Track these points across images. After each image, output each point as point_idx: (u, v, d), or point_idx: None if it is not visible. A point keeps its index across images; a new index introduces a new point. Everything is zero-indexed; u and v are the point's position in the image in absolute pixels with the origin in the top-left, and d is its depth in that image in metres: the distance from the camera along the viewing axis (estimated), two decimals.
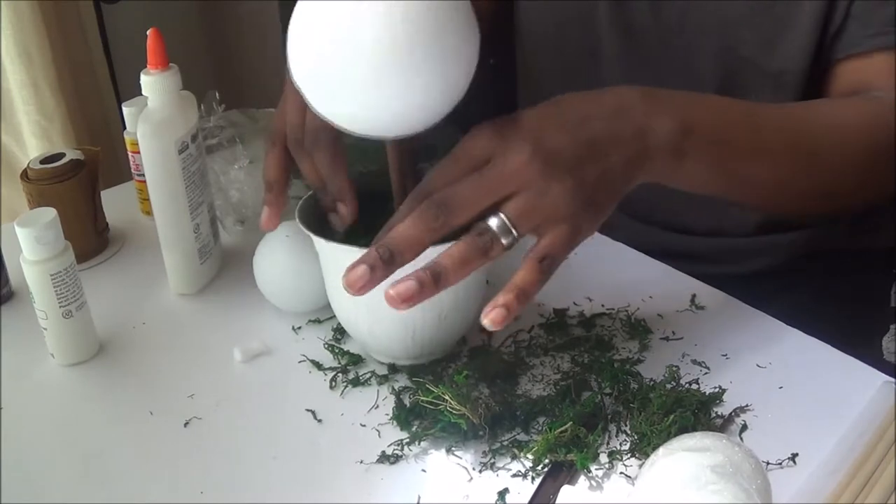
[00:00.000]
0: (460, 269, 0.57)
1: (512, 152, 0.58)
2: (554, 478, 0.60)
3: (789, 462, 0.61)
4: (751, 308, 0.76)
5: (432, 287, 0.56)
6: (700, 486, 0.51)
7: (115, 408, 0.70)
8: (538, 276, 0.59)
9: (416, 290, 0.56)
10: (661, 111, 0.62)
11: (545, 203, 0.58)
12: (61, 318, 0.72)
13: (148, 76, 0.74)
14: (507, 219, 0.57)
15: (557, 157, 0.58)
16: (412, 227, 0.57)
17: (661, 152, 0.61)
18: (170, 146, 0.75)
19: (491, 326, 0.57)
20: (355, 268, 0.56)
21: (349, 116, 0.59)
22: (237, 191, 0.89)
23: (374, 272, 0.56)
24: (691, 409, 0.63)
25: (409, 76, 0.55)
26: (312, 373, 0.72)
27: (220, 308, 0.80)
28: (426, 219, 0.57)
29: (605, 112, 0.61)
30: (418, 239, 0.57)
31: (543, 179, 0.58)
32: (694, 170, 0.64)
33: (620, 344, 0.72)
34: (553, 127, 0.59)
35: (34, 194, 0.83)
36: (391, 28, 0.54)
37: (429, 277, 0.56)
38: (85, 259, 0.87)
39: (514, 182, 0.58)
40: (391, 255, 0.56)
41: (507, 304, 0.57)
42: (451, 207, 0.57)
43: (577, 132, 0.59)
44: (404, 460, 0.63)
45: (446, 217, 0.57)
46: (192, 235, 0.79)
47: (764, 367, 0.69)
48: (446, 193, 0.57)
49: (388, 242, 0.57)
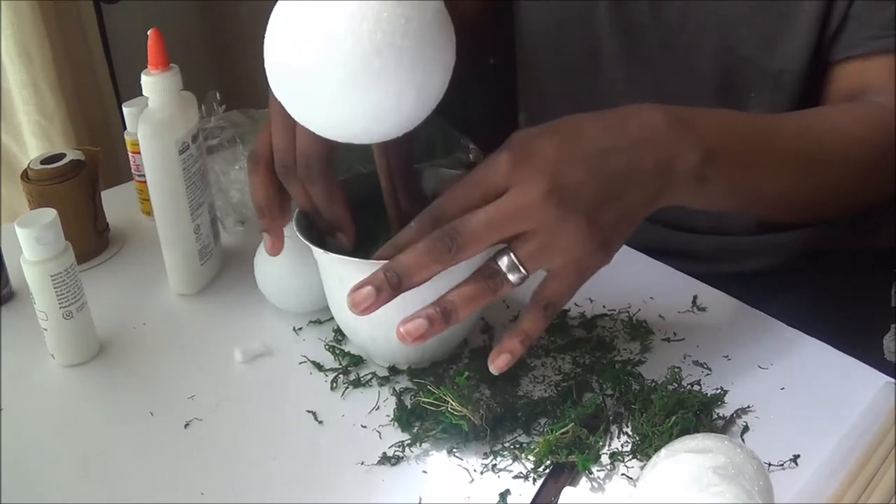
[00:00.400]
0: (469, 306, 0.58)
1: (528, 187, 0.57)
2: (555, 479, 0.60)
3: (791, 463, 0.61)
4: (752, 309, 0.76)
5: (442, 324, 0.58)
6: (702, 488, 0.51)
7: (115, 408, 0.70)
8: (543, 322, 0.61)
9: (427, 328, 0.58)
10: (687, 141, 0.61)
11: (557, 244, 0.58)
12: (61, 319, 0.72)
13: (148, 76, 0.74)
14: (516, 259, 0.58)
15: (574, 197, 0.57)
16: (423, 254, 0.57)
17: (684, 180, 0.61)
18: (170, 146, 0.75)
19: (496, 372, 0.60)
20: (361, 288, 0.57)
21: (324, 123, 0.59)
22: (238, 191, 0.89)
23: (380, 294, 0.57)
24: (693, 410, 0.63)
25: (382, 84, 0.55)
26: (313, 374, 0.71)
27: (220, 308, 0.80)
28: (438, 249, 0.57)
29: (628, 142, 0.60)
30: (428, 267, 0.57)
31: (557, 221, 0.57)
32: (713, 192, 0.64)
33: (622, 345, 0.72)
34: (572, 160, 0.58)
35: (34, 194, 0.83)
36: (364, 36, 0.54)
37: (438, 315, 0.58)
38: (85, 259, 0.86)
39: (527, 220, 0.57)
40: (399, 280, 0.57)
41: (513, 351, 0.60)
42: (463, 240, 0.57)
43: (598, 167, 0.58)
44: (405, 462, 0.63)
45: (458, 251, 0.57)
46: (192, 236, 0.79)
47: (765, 369, 0.69)
48: (459, 226, 0.57)
49: (397, 267, 0.57)
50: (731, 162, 0.63)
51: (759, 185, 0.67)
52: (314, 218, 0.68)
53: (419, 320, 0.58)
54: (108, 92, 1.48)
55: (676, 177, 0.60)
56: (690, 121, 0.62)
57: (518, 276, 0.58)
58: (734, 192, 0.66)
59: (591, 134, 0.60)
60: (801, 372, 0.68)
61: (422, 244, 0.57)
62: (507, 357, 0.60)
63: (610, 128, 0.60)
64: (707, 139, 0.62)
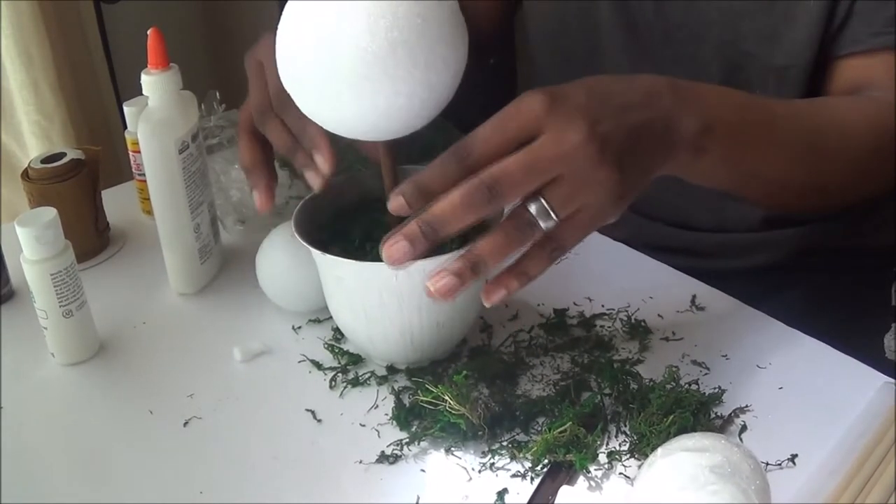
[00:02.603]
0: (498, 256, 0.55)
1: (568, 131, 0.55)
2: (553, 478, 0.60)
3: (789, 463, 0.61)
4: (751, 309, 0.76)
5: (472, 278, 0.55)
6: (699, 487, 0.51)
7: (114, 407, 0.70)
8: (546, 264, 0.58)
9: (457, 284, 0.55)
10: (687, 106, 0.60)
11: (589, 190, 0.56)
12: (61, 318, 0.72)
13: (148, 76, 0.74)
14: (548, 204, 0.55)
15: (609, 145, 0.56)
16: (460, 204, 0.54)
17: (683, 147, 0.61)
18: (170, 146, 0.75)
19: (487, 304, 0.57)
20: (395, 242, 0.55)
21: (336, 120, 0.59)
22: (238, 190, 0.89)
23: (415, 246, 0.54)
24: (691, 409, 0.63)
25: (395, 82, 0.56)
26: (312, 372, 0.72)
27: (220, 308, 0.80)
28: (476, 199, 0.54)
29: (641, 98, 0.59)
30: (463, 218, 0.54)
31: (594, 166, 0.55)
32: (710, 165, 0.63)
33: (620, 344, 0.72)
34: (605, 109, 0.56)
35: (35, 194, 0.83)
36: (380, 34, 0.54)
37: (467, 269, 0.55)
38: (85, 258, 0.87)
39: (564, 164, 0.55)
40: (434, 231, 0.54)
41: (509, 287, 0.57)
42: (502, 190, 0.54)
43: (623, 120, 0.57)
44: (404, 460, 0.63)
45: (497, 200, 0.54)
46: (192, 235, 0.79)
47: (764, 368, 0.69)
48: (498, 173, 0.54)
49: (431, 219, 0.54)
50: (729, 136, 0.63)
51: (755, 164, 0.67)
52: (293, 157, 0.67)
53: (448, 277, 0.54)
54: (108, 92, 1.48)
55: (677, 141, 0.60)
56: (691, 90, 0.62)
57: (550, 223, 0.55)
58: (729, 169, 0.66)
59: (612, 90, 0.59)
60: (800, 372, 0.69)
61: (456, 193, 0.54)
62: (503, 292, 0.57)
63: (625, 89, 0.59)
64: (707, 109, 0.62)
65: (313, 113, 0.60)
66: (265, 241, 0.77)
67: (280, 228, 0.77)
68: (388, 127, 0.59)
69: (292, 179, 0.93)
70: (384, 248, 0.55)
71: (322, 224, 0.70)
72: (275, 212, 0.90)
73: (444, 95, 0.59)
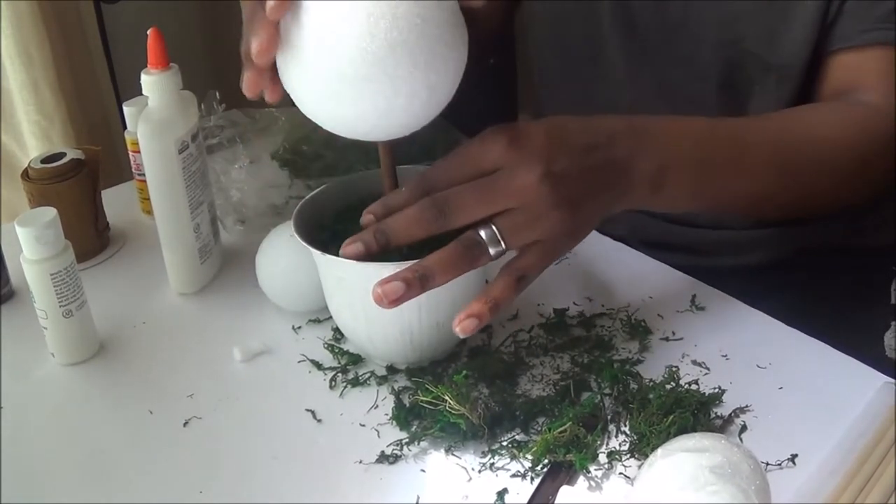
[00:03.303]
0: (446, 273, 0.60)
1: (523, 169, 0.59)
2: (553, 478, 0.60)
3: (789, 463, 0.61)
4: (751, 308, 0.76)
5: (418, 288, 0.59)
6: (699, 487, 0.51)
7: (114, 406, 0.70)
8: (514, 292, 0.62)
9: (403, 290, 0.59)
10: (643, 148, 0.64)
11: (539, 225, 0.61)
12: (61, 318, 0.72)
13: (148, 76, 0.74)
14: (498, 232, 0.60)
15: (563, 184, 0.60)
16: (412, 219, 0.60)
17: (640, 186, 0.65)
18: (170, 146, 0.75)
19: (462, 335, 0.60)
20: (352, 243, 0.61)
21: (335, 120, 0.59)
22: (238, 190, 0.89)
23: (369, 249, 0.61)
24: (691, 409, 0.63)
25: (395, 83, 0.56)
26: (312, 372, 0.72)
27: (220, 308, 0.80)
28: (427, 216, 0.59)
29: (599, 140, 0.63)
30: (414, 232, 0.60)
31: (545, 203, 0.60)
32: (670, 198, 0.67)
33: (620, 344, 0.72)
34: (562, 150, 0.61)
35: (35, 194, 0.83)
36: (380, 35, 0.54)
37: (415, 279, 0.59)
38: (85, 258, 0.87)
39: (516, 198, 0.60)
40: (386, 239, 0.60)
41: (480, 315, 0.60)
42: (452, 211, 0.59)
43: (582, 161, 0.62)
44: (403, 460, 0.63)
45: (446, 219, 0.59)
46: (192, 235, 0.79)
47: (764, 368, 0.69)
48: (451, 196, 0.60)
49: (385, 228, 0.60)
50: (688, 170, 0.67)
51: (723, 191, 0.70)
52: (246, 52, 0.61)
53: (396, 283, 0.59)
54: (108, 92, 1.48)
55: (633, 181, 0.64)
56: (648, 131, 0.66)
57: (497, 249, 0.60)
58: (695, 196, 0.69)
59: (573, 131, 0.63)
60: (800, 371, 0.68)
61: (412, 209, 0.60)
62: (475, 321, 0.60)
63: (587, 129, 0.64)
64: (663, 148, 0.65)
65: (313, 113, 0.60)
66: (265, 241, 0.77)
67: (280, 228, 0.77)
68: (388, 127, 0.59)
69: (292, 179, 0.93)
70: (343, 246, 0.62)
71: (322, 224, 0.70)
72: (275, 212, 0.90)
73: (445, 96, 0.59)
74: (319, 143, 0.95)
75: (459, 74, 0.59)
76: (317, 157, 0.94)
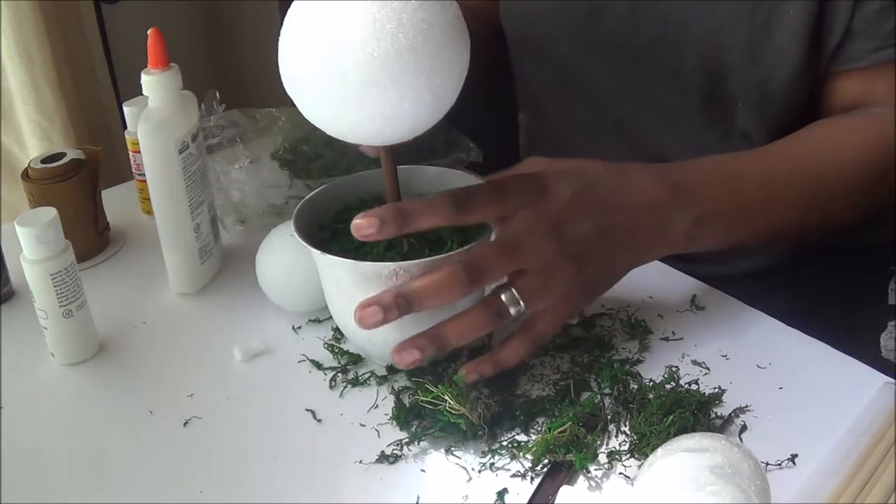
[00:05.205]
0: (467, 337, 0.63)
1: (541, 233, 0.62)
2: (553, 478, 0.60)
3: (789, 463, 0.61)
4: (751, 308, 0.76)
5: (434, 353, 0.62)
6: (699, 487, 0.51)
7: (114, 407, 0.70)
8: (525, 355, 0.65)
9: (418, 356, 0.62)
10: (679, 208, 0.67)
11: (556, 288, 0.63)
12: (61, 318, 0.72)
13: (148, 76, 0.74)
14: (517, 294, 0.62)
15: (575, 245, 0.63)
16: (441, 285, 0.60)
17: (673, 242, 0.67)
18: (170, 146, 0.75)
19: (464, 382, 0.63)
20: (369, 306, 0.60)
21: (340, 125, 0.59)
22: (238, 190, 0.89)
23: (387, 315, 0.60)
24: (691, 409, 0.63)
25: (401, 87, 0.56)
26: (312, 372, 0.72)
27: (220, 308, 0.80)
28: (458, 281, 0.60)
29: (633, 204, 0.65)
30: (442, 298, 0.61)
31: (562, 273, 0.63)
32: (701, 244, 0.69)
33: (620, 344, 0.72)
34: (583, 208, 0.64)
35: (35, 194, 0.83)
36: (386, 39, 0.54)
37: (432, 347, 0.62)
38: (85, 258, 0.87)
39: (535, 262, 0.62)
40: (409, 305, 0.61)
41: (483, 374, 0.64)
42: (480, 276, 0.61)
43: (601, 219, 0.64)
44: (403, 460, 0.63)
45: (474, 283, 0.61)
46: (192, 235, 0.79)
47: (764, 368, 0.69)
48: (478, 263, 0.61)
49: (409, 293, 0.60)
50: (721, 219, 0.69)
51: (750, 230, 0.72)
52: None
53: (412, 350, 0.61)
54: (108, 92, 1.48)
55: (666, 239, 0.67)
56: (681, 185, 0.67)
57: (517, 309, 0.62)
58: (725, 241, 0.71)
59: (602, 187, 0.65)
60: (800, 371, 0.69)
61: (444, 275, 0.60)
62: (476, 377, 0.63)
63: (617, 188, 0.66)
64: (697, 202, 0.67)
65: (317, 118, 0.60)
66: (265, 241, 0.77)
67: (280, 228, 0.77)
68: (392, 132, 0.59)
69: (292, 179, 0.93)
70: (357, 311, 0.61)
71: (322, 224, 0.70)
72: (275, 212, 0.90)
73: (449, 100, 0.59)
74: (319, 143, 0.95)
75: (463, 78, 0.59)
76: (317, 157, 0.94)
